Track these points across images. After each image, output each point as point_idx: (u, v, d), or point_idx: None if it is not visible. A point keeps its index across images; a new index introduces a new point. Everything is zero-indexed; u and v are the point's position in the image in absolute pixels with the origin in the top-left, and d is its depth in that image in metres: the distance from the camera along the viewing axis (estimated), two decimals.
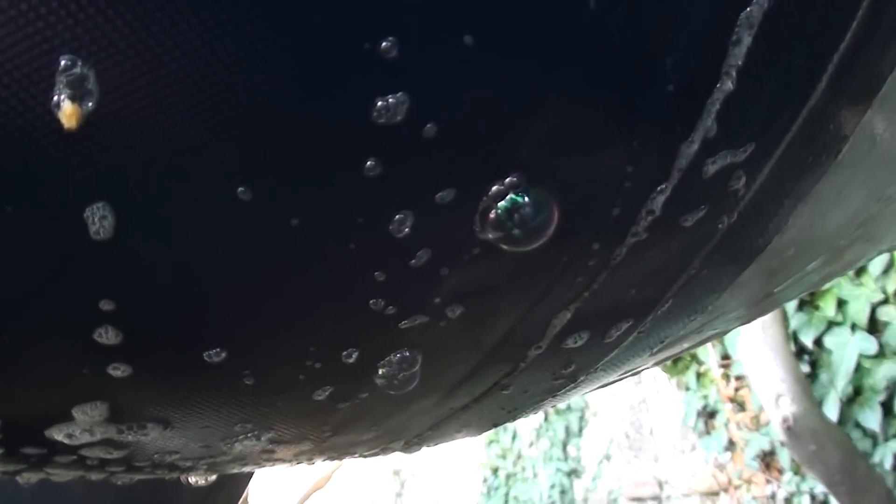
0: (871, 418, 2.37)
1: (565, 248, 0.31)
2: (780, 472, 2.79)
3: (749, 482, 2.99)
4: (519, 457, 4.72)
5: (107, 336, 0.28)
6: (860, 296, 2.35)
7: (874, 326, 2.36)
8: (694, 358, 3.20)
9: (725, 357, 3.04)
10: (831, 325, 2.45)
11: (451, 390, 0.37)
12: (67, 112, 0.22)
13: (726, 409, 3.11)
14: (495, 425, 0.45)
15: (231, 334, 0.30)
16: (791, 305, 2.47)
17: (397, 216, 0.27)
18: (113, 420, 0.33)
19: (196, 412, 0.34)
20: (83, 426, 0.33)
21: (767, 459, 2.87)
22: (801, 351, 2.51)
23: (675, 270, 0.35)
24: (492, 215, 0.28)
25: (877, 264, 2.25)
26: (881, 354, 2.34)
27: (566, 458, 4.30)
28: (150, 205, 0.25)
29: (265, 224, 0.26)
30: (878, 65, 0.33)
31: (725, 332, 0.52)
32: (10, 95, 0.22)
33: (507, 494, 4.77)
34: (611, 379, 0.46)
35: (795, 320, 2.50)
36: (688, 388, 3.32)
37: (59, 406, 0.32)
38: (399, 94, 0.24)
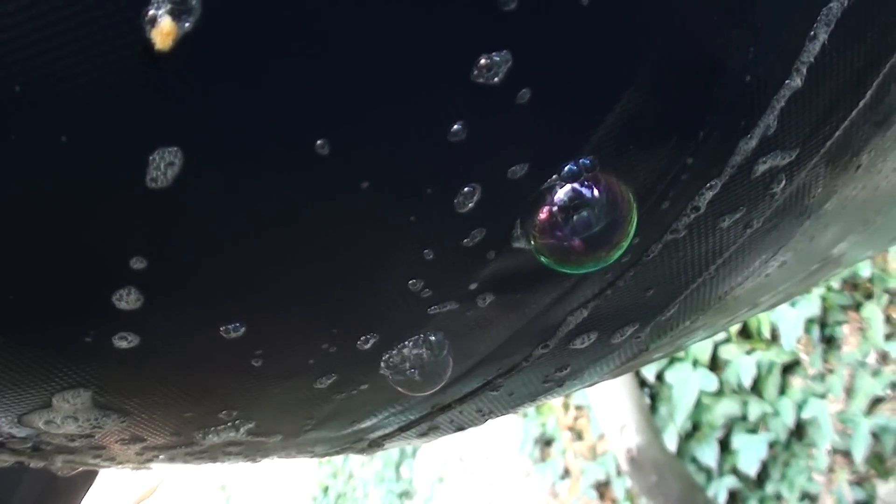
0: (708, 453, 2.45)
1: None
2: (615, 502, 2.85)
3: None
4: (351, 476, 4.68)
5: (127, 299, 0.25)
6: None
7: (715, 364, 2.45)
8: None
9: None
10: (673, 360, 2.53)
11: (444, 387, 0.35)
12: (164, 30, 0.20)
13: (564, 438, 3.16)
14: (461, 429, 0.44)
15: (256, 307, 0.27)
16: None
17: (467, 188, 0.25)
18: (96, 404, 0.29)
19: (187, 394, 0.31)
20: (65, 412, 0.29)
21: (603, 489, 2.93)
22: (641, 384, 2.57)
23: (694, 274, 0.34)
24: (556, 197, 0.27)
25: None
26: (721, 392, 2.43)
27: (398, 480, 4.28)
28: (223, 157, 0.22)
29: (334, 183, 0.24)
30: None
31: (674, 352, 0.52)
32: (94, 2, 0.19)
33: None
34: (578, 388, 0.45)
35: None
36: (526, 415, 3.37)
37: (42, 387, 0.28)
38: (504, 53, 0.23)
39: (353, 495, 4.60)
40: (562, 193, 0.27)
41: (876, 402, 2.15)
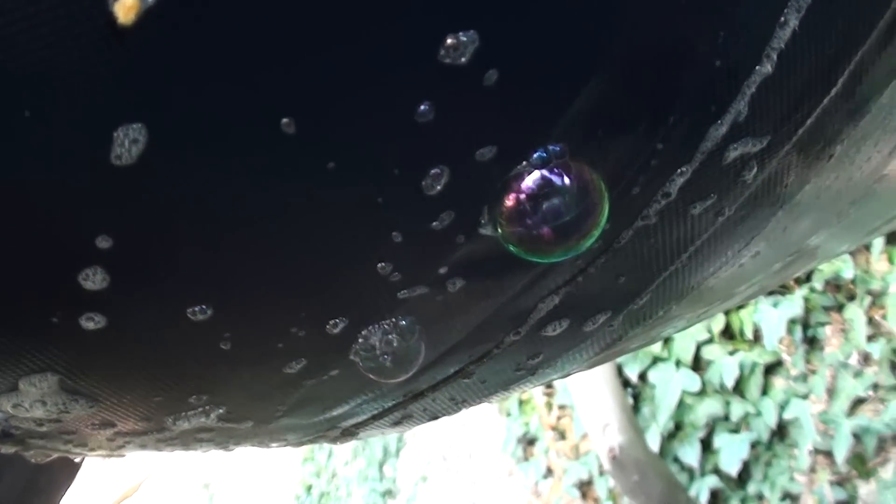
0: (690, 453, 2.45)
1: None
2: (598, 501, 2.86)
3: None
4: (334, 475, 4.67)
5: (93, 279, 0.25)
6: (686, 334, 2.43)
7: (698, 364, 2.46)
8: None
9: (549, 386, 3.10)
10: (657, 360, 2.53)
11: (416, 374, 0.35)
12: (127, 4, 0.19)
13: (547, 437, 3.16)
14: (435, 418, 0.44)
15: (224, 290, 0.27)
16: None
17: (434, 170, 0.25)
18: (64, 388, 0.29)
19: (156, 377, 0.30)
20: (33, 396, 0.29)
21: (585, 488, 2.93)
22: (624, 384, 2.58)
23: (666, 262, 0.34)
24: (524, 184, 0.27)
25: None
26: (703, 392, 2.44)
27: (381, 479, 4.28)
28: (187, 135, 0.22)
29: (303, 164, 0.24)
30: (882, 80, 0.33)
31: (650, 343, 0.52)
32: None
33: None
34: (552, 378, 0.45)
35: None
36: (509, 414, 3.37)
37: (9, 370, 0.28)
38: (471, 33, 0.23)
39: (337, 494, 4.59)
40: (530, 180, 0.27)
41: (858, 402, 2.16)
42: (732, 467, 2.35)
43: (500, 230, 0.28)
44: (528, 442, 3.31)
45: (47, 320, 0.26)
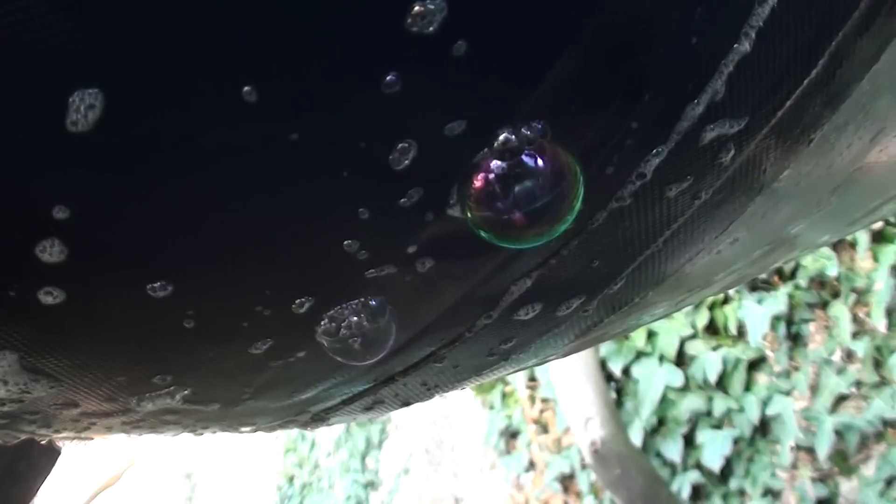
0: (672, 448, 2.46)
1: None
2: (579, 495, 2.86)
3: (546, 503, 3.05)
4: (316, 466, 4.66)
5: (50, 251, 0.24)
6: (670, 329, 2.43)
7: (681, 359, 2.46)
8: (501, 378, 3.25)
9: (532, 379, 3.10)
10: (640, 355, 2.53)
11: (385, 358, 0.35)
12: None
13: (529, 431, 3.16)
14: (407, 404, 0.43)
15: (184, 266, 0.27)
16: None
17: (402, 144, 0.25)
18: (25, 367, 0.28)
19: (118, 356, 0.30)
20: None
21: (567, 482, 2.93)
22: (608, 378, 2.58)
23: (641, 245, 0.33)
24: (494, 163, 0.26)
25: None
26: (686, 387, 2.44)
27: (364, 470, 4.27)
28: (146, 102, 0.21)
29: (263, 133, 0.23)
30: (862, 65, 0.32)
31: (629, 331, 0.51)
32: None
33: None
34: (528, 364, 0.44)
35: (605, 348, 2.57)
36: (492, 407, 3.37)
37: None
38: (439, 1, 0.22)
39: (319, 485, 4.58)
40: (501, 162, 0.26)
41: (840, 399, 2.16)
42: (714, 463, 2.35)
43: (469, 213, 0.27)
44: (511, 435, 3.30)
45: (5, 294, 0.25)
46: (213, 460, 5.45)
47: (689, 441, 2.45)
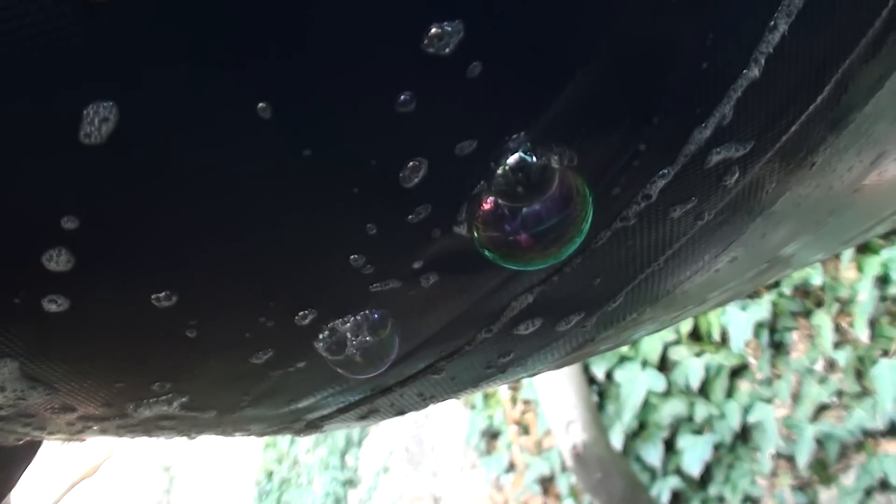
0: (653, 453, 2.46)
1: None
2: (559, 497, 2.86)
3: None
4: (295, 463, 4.65)
5: (57, 260, 0.24)
6: (653, 335, 2.44)
7: (664, 364, 2.47)
8: None
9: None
10: (623, 359, 2.54)
11: (385, 370, 0.35)
12: None
13: (510, 432, 3.16)
14: (402, 413, 0.43)
15: (191, 276, 0.27)
16: None
17: (412, 162, 0.25)
18: (24, 374, 0.28)
19: (118, 364, 0.30)
20: None
21: (547, 484, 2.93)
22: (590, 382, 2.58)
23: (643, 264, 0.34)
24: (499, 172, 0.26)
25: None
26: (668, 392, 2.45)
27: (343, 468, 4.27)
28: (160, 115, 0.21)
29: (275, 149, 0.23)
30: (866, 90, 0.33)
31: (620, 345, 0.51)
32: None
33: (279, 499, 4.68)
34: (522, 376, 0.44)
35: None
36: (473, 407, 3.37)
37: None
38: (456, 23, 0.22)
39: (298, 481, 4.57)
40: (510, 183, 0.26)
41: (821, 408, 2.17)
42: (694, 468, 2.36)
43: (475, 233, 0.27)
44: (492, 436, 3.31)
45: (10, 301, 0.25)
46: (191, 454, 5.44)
47: (670, 446, 2.46)
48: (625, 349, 2.52)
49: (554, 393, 2.30)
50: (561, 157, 0.26)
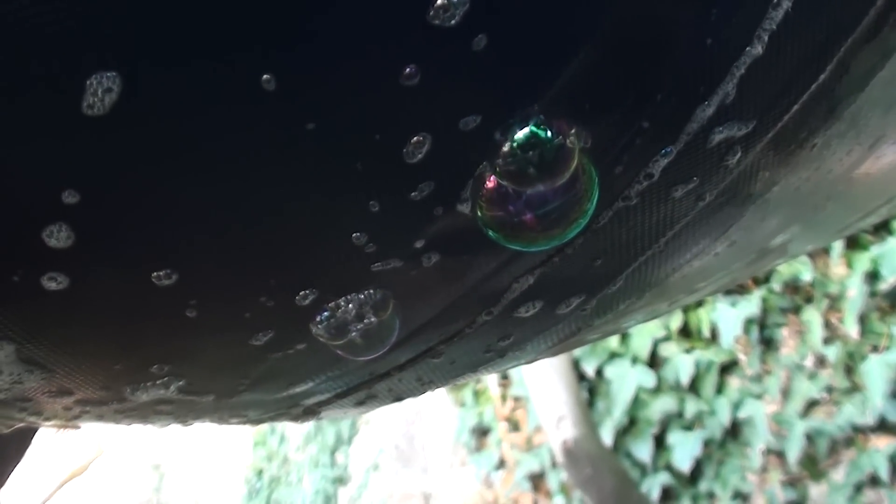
0: (643, 449, 2.46)
1: None
2: (549, 494, 2.86)
3: (516, 502, 3.05)
4: (285, 460, 4.63)
5: (58, 236, 0.24)
6: (643, 331, 2.44)
7: (654, 361, 2.47)
8: None
9: (504, 377, 3.10)
10: (613, 356, 2.54)
11: (386, 352, 0.34)
12: None
13: (500, 428, 3.16)
14: (399, 399, 0.43)
15: (191, 254, 0.26)
16: None
17: (416, 137, 0.24)
18: (20, 357, 0.28)
19: (116, 344, 0.29)
20: None
21: (537, 481, 2.93)
22: (580, 378, 2.58)
23: (643, 246, 0.33)
24: (506, 149, 0.26)
25: None
26: (658, 389, 2.45)
27: (333, 465, 4.26)
28: (164, 86, 0.21)
29: (282, 123, 0.23)
30: (866, 71, 0.32)
31: (614, 333, 0.51)
32: None
33: (269, 497, 4.66)
34: (520, 362, 0.44)
35: (578, 348, 2.58)
36: (463, 405, 3.36)
37: None
38: None
39: (288, 479, 4.56)
40: (515, 162, 0.26)
41: (811, 404, 2.18)
42: (685, 464, 2.36)
43: (479, 212, 0.27)
44: (482, 432, 3.30)
45: (9, 279, 0.25)
46: (181, 452, 5.42)
47: (660, 442, 2.46)
48: (615, 345, 2.52)
49: (544, 389, 2.30)
50: (577, 137, 0.26)
